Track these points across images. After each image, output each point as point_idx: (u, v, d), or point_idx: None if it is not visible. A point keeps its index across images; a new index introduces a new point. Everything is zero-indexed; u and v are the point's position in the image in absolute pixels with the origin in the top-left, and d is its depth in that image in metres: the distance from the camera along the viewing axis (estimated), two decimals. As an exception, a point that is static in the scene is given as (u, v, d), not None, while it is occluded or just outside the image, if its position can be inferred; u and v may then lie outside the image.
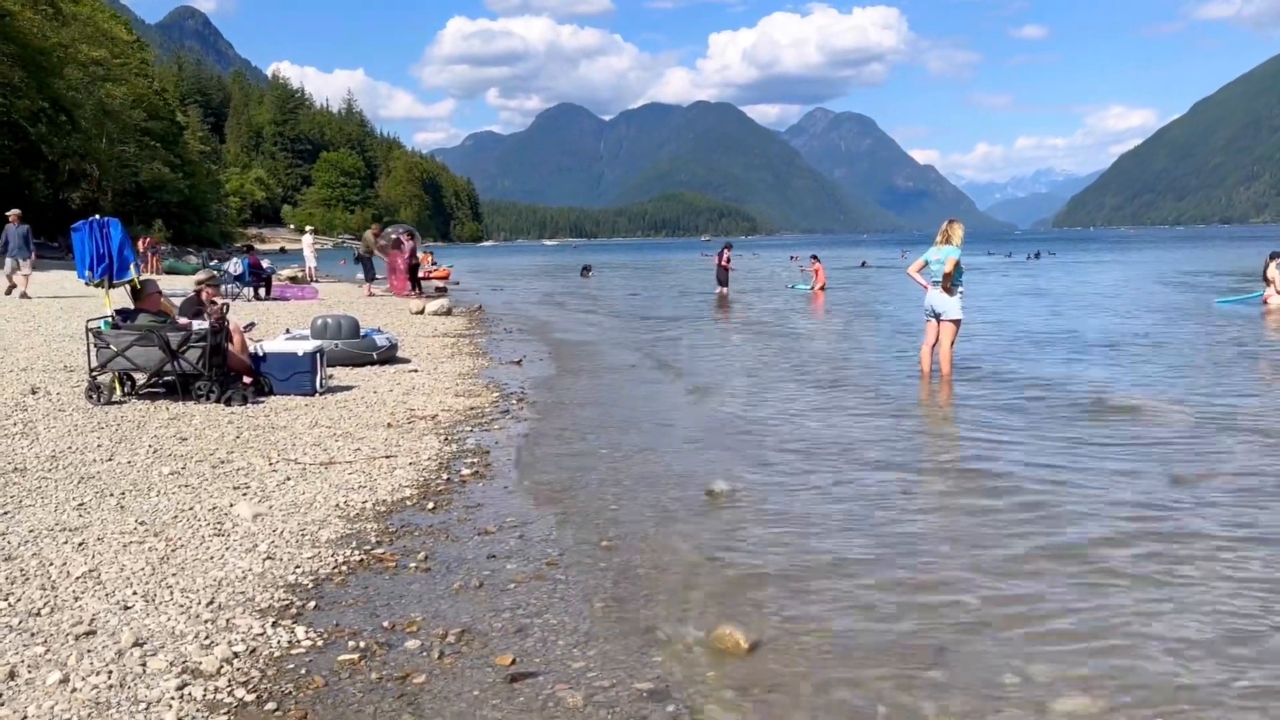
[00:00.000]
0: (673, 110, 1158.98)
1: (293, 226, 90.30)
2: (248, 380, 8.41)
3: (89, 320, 8.28)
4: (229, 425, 7.14)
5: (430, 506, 5.21)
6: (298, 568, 4.18)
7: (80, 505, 4.97)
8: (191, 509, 4.96)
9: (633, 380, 10.27)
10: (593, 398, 9.07)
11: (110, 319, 8.15)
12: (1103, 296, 22.63)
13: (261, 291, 21.81)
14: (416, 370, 10.53)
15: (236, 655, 3.28)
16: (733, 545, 4.55)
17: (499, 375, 10.39)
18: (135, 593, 3.80)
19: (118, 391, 8.04)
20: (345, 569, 4.21)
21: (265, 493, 5.33)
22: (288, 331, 10.79)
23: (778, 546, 4.52)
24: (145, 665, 3.18)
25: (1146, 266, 40.08)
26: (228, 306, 9.44)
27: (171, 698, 2.97)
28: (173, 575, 4.01)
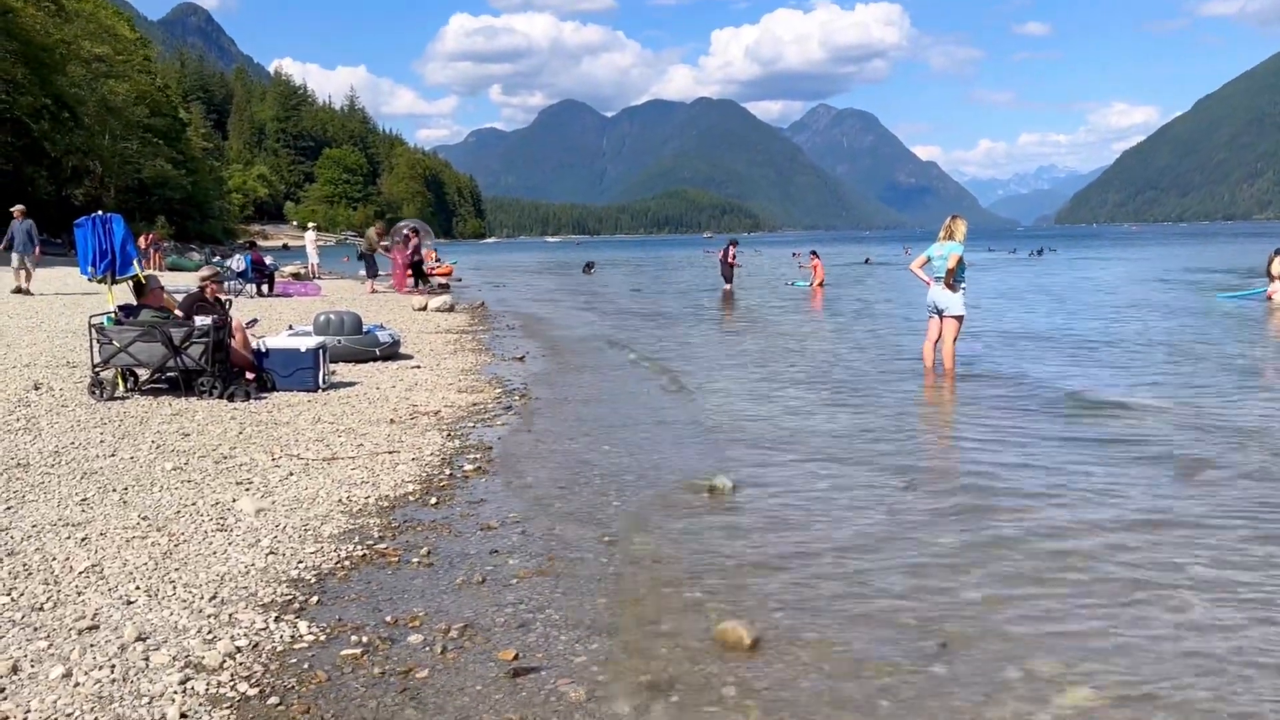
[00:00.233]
0: (675, 107, 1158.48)
1: (295, 223, 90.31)
2: (250, 376, 8.43)
3: (92, 316, 8.30)
4: (231, 421, 7.15)
5: (433, 502, 5.21)
6: (300, 562, 4.18)
7: (83, 500, 4.98)
8: (194, 504, 4.97)
9: (635, 376, 10.26)
10: (595, 394, 9.07)
11: (113, 315, 8.17)
12: (1105, 294, 22.60)
13: (264, 288, 21.86)
14: (419, 366, 10.54)
15: (239, 650, 3.29)
16: (735, 541, 4.55)
17: (501, 371, 10.40)
18: (138, 587, 3.81)
19: (120, 387, 8.05)
20: (348, 564, 4.21)
21: (268, 488, 5.33)
22: (290, 328, 10.78)
23: (780, 542, 4.52)
24: (148, 660, 3.18)
25: (1149, 263, 40.01)
26: (230, 303, 9.44)
27: (174, 692, 2.97)
28: (175, 570, 4.01)
